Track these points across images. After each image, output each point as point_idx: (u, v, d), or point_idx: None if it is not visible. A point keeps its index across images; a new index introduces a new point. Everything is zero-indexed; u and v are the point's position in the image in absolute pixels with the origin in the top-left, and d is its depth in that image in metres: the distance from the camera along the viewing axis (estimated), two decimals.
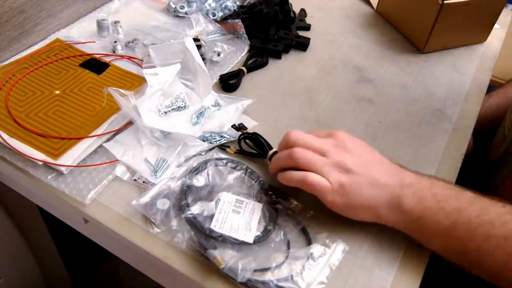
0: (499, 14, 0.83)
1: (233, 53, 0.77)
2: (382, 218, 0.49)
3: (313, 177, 0.49)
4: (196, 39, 0.74)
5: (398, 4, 0.89)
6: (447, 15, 0.77)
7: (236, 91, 0.70)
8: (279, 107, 0.68)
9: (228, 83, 0.70)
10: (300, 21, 0.88)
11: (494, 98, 0.87)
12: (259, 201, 0.53)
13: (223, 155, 0.59)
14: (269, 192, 0.54)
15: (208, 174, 0.55)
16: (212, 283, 0.46)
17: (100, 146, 0.58)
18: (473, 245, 0.45)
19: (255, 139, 0.59)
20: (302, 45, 0.81)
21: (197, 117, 0.62)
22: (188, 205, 0.51)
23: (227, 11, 0.82)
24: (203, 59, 0.71)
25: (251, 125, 0.63)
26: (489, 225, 0.44)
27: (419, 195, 0.47)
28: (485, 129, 0.84)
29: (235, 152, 0.59)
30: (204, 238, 0.48)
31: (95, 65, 0.70)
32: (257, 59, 0.77)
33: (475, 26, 0.85)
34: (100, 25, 0.76)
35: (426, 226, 0.47)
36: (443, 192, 0.47)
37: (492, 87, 0.87)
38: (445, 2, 0.75)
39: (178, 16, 0.84)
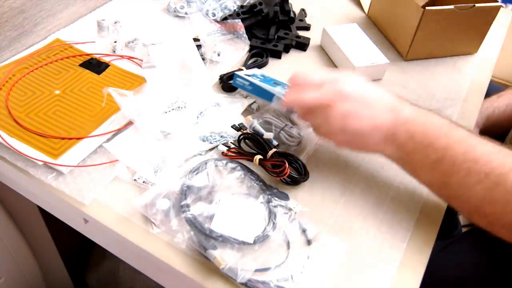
0: (489, 25, 0.80)
1: (233, 53, 0.77)
2: (375, 148, 0.53)
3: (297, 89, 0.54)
4: (196, 39, 0.74)
5: (385, 10, 0.87)
6: (429, 21, 0.75)
7: (236, 91, 0.70)
8: None
9: (228, 83, 0.70)
10: (300, 21, 0.88)
11: (504, 99, 0.85)
12: (259, 201, 0.53)
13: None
14: (269, 192, 0.54)
15: (208, 174, 0.55)
16: (212, 283, 0.46)
17: (100, 146, 0.58)
18: (455, 179, 0.48)
19: (255, 139, 0.59)
20: (302, 45, 0.81)
21: (197, 117, 0.62)
22: (188, 205, 0.51)
23: (227, 11, 0.82)
24: (203, 59, 0.71)
25: None
26: (473, 162, 0.46)
27: (412, 131, 0.50)
28: (491, 129, 0.83)
29: (233, 152, 0.59)
30: (204, 238, 0.48)
31: (95, 65, 0.70)
32: (257, 59, 0.77)
33: (463, 36, 0.81)
34: (100, 25, 0.76)
35: (415, 160, 0.50)
36: (435, 130, 0.49)
37: (492, 87, 0.87)
38: (426, 8, 0.73)
39: (178, 16, 0.84)
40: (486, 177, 0.45)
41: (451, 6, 0.74)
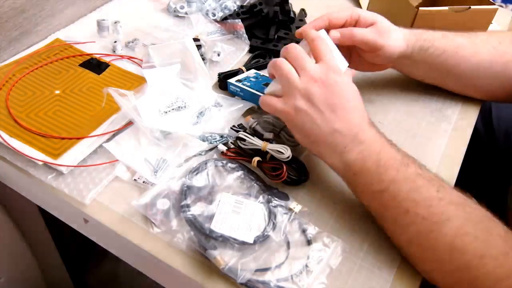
0: (486, 28, 0.78)
1: (233, 53, 0.77)
2: (323, 156, 0.52)
3: (266, 99, 0.54)
4: (196, 39, 0.74)
5: (381, 10, 0.87)
6: (422, 22, 0.74)
7: None
8: None
9: (225, 82, 0.69)
10: (300, 21, 0.88)
11: (484, 55, 0.66)
12: (259, 201, 0.53)
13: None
14: (269, 192, 0.54)
15: (208, 174, 0.55)
16: (212, 283, 0.46)
17: (100, 146, 0.58)
18: (391, 214, 0.48)
19: None
20: None
21: (197, 117, 0.62)
22: (188, 206, 0.51)
23: (227, 11, 0.82)
24: (203, 59, 0.71)
25: None
26: (414, 203, 0.46)
27: (364, 154, 0.49)
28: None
29: (233, 153, 0.59)
30: (204, 238, 0.48)
31: (95, 65, 0.70)
32: (259, 60, 0.76)
33: None
34: (100, 25, 0.76)
35: (359, 183, 0.50)
36: (388, 161, 0.48)
37: None
38: (420, 8, 0.73)
39: (178, 16, 0.84)
40: (422, 221, 0.45)
41: (446, 8, 0.74)
